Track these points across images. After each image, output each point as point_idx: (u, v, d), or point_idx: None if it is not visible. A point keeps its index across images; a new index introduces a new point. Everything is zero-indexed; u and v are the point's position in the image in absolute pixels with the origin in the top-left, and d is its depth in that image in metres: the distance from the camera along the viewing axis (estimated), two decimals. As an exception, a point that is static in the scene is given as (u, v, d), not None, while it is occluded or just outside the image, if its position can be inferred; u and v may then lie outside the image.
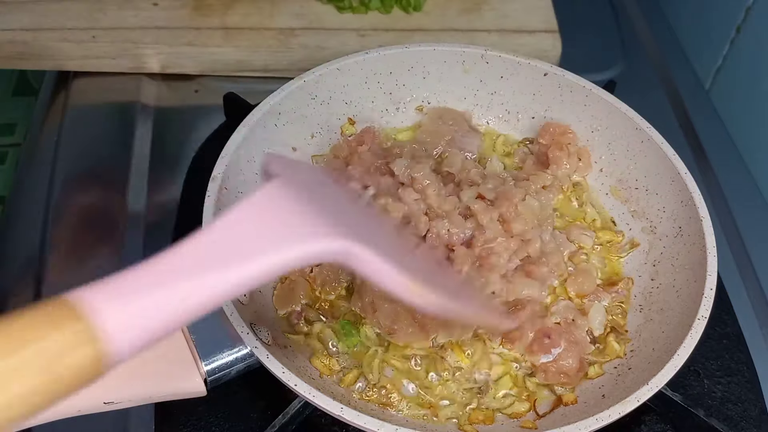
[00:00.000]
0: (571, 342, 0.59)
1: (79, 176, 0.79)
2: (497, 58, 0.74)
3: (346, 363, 0.59)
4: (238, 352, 0.52)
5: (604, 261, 0.67)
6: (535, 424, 0.56)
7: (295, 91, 0.69)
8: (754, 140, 0.85)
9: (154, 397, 0.50)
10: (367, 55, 0.73)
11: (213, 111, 0.80)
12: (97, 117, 0.85)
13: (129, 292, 0.33)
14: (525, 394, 0.58)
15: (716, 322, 0.65)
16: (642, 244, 0.67)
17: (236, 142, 0.63)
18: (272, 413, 0.56)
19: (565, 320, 0.61)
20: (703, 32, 0.96)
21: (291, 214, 0.39)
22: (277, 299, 0.62)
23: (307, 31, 0.89)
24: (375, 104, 0.76)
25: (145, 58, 0.87)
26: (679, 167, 0.65)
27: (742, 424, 0.60)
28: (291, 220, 0.38)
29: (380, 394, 0.57)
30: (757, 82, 0.84)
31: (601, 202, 0.72)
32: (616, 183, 0.71)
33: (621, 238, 0.68)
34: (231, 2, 0.92)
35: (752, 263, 0.75)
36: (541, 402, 0.58)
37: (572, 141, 0.72)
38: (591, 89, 0.71)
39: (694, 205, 0.62)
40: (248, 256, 0.36)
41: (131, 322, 0.32)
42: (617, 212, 0.70)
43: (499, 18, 0.92)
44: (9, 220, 0.76)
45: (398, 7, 0.92)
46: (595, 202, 0.72)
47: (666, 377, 0.51)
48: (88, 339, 0.30)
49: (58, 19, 0.88)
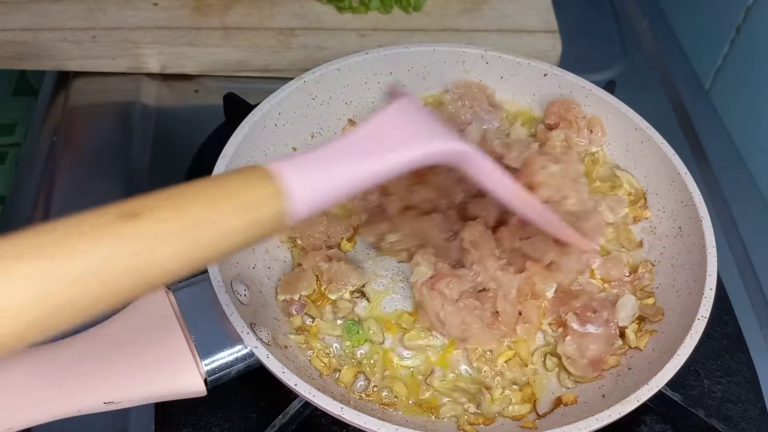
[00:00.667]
0: (607, 328, 0.59)
1: (78, 176, 0.79)
2: (497, 59, 0.74)
3: (345, 362, 0.59)
4: (238, 352, 0.52)
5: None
6: (535, 424, 0.56)
7: (295, 91, 0.69)
8: (754, 140, 0.85)
9: (154, 397, 0.50)
10: (367, 55, 0.73)
11: (213, 111, 0.80)
12: (97, 117, 0.85)
13: (308, 166, 0.41)
14: (528, 391, 0.58)
15: (716, 322, 0.65)
16: (642, 244, 0.67)
17: (236, 142, 0.63)
18: (272, 413, 0.56)
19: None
20: (703, 32, 0.96)
21: (419, 122, 0.47)
22: (282, 285, 0.62)
23: (307, 31, 0.89)
24: (375, 104, 0.76)
25: (145, 58, 0.87)
26: (679, 167, 0.65)
27: (742, 424, 0.60)
28: (420, 125, 0.46)
29: (380, 395, 0.57)
30: (757, 82, 0.84)
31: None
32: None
33: (648, 213, 0.68)
34: (231, 2, 0.92)
35: (752, 263, 0.75)
36: (541, 402, 0.58)
37: (579, 114, 0.72)
38: (591, 89, 0.71)
39: (694, 205, 0.62)
40: (392, 147, 0.44)
41: (310, 186, 0.40)
42: (617, 212, 0.70)
43: (498, 18, 0.92)
44: (9, 220, 0.76)
45: (398, 7, 0.92)
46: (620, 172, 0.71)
47: (666, 377, 0.51)
48: (278, 194, 0.38)
49: (58, 19, 0.88)
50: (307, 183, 0.40)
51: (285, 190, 0.39)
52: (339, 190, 0.42)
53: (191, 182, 0.37)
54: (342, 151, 0.43)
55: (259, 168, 0.39)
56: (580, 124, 0.71)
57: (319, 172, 0.41)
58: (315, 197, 0.41)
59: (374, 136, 0.45)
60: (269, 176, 0.39)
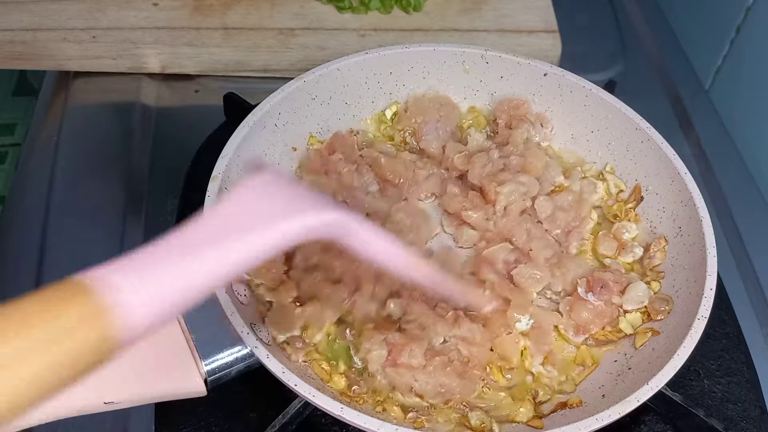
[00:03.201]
0: (607, 304, 0.61)
1: (78, 176, 0.79)
2: (497, 58, 0.74)
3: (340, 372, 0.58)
4: (238, 352, 0.52)
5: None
6: (541, 423, 0.56)
7: (295, 91, 0.69)
8: (754, 140, 0.85)
9: (154, 397, 0.50)
10: (367, 55, 0.73)
11: (213, 111, 0.80)
12: (97, 117, 0.85)
13: (137, 269, 0.33)
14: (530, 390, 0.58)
15: (716, 322, 0.65)
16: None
17: (236, 142, 0.63)
18: (272, 413, 0.56)
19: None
20: (703, 32, 0.96)
21: (287, 195, 0.41)
22: (272, 325, 0.58)
23: (307, 31, 0.89)
24: (375, 104, 0.76)
25: (145, 58, 0.87)
26: (679, 167, 0.65)
27: (742, 424, 0.60)
28: (286, 199, 0.41)
29: (376, 401, 0.57)
30: (757, 82, 0.84)
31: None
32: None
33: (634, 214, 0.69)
34: (231, 2, 0.92)
35: (752, 263, 0.75)
36: (543, 403, 0.58)
37: (528, 111, 0.73)
38: (591, 89, 0.71)
39: (694, 205, 0.62)
40: (251, 229, 0.38)
41: (139, 297, 0.33)
42: (617, 212, 0.70)
43: (498, 18, 0.92)
44: (9, 220, 0.76)
45: (398, 7, 0.92)
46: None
47: (666, 377, 0.51)
48: (98, 313, 0.31)
49: (58, 19, 0.88)
50: (136, 290, 0.33)
51: (106, 302, 0.31)
52: (186, 293, 0.35)
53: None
54: (184, 245, 0.36)
55: (71, 281, 0.32)
56: (531, 119, 0.72)
57: (160, 273, 0.34)
58: (152, 308, 0.33)
59: (230, 216, 0.39)
60: (85, 289, 0.32)
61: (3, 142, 1.35)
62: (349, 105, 0.74)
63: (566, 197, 0.68)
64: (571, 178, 0.70)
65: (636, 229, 0.67)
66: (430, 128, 0.73)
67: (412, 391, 0.56)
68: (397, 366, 0.56)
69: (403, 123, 0.75)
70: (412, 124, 0.74)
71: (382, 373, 0.56)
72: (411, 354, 0.56)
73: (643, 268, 0.64)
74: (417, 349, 0.56)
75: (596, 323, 0.60)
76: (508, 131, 0.72)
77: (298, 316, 0.57)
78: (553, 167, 0.69)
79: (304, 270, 0.60)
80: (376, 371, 0.56)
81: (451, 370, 0.56)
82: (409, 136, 0.75)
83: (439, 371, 0.56)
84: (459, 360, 0.57)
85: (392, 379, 0.56)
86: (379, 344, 0.57)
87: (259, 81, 0.88)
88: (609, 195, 0.70)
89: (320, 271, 0.60)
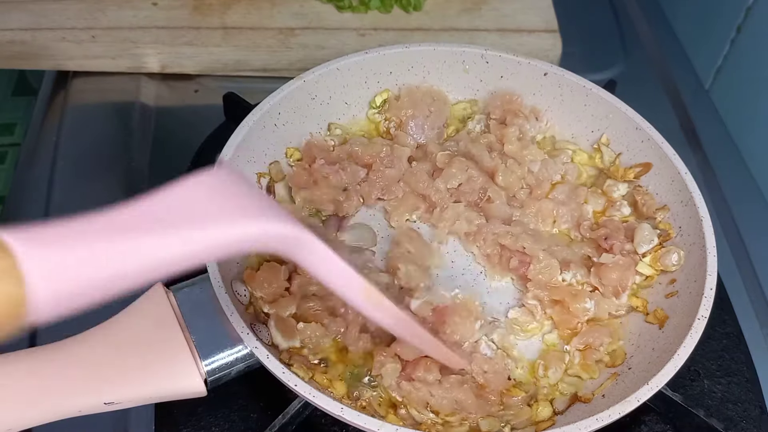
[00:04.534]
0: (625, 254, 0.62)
1: (78, 176, 0.79)
2: (497, 58, 0.74)
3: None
4: (238, 352, 0.52)
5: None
6: (554, 419, 0.55)
7: (295, 91, 0.69)
8: (754, 140, 0.85)
9: (154, 397, 0.50)
10: (367, 55, 0.73)
11: (213, 111, 0.80)
12: (96, 117, 0.85)
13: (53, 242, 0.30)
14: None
15: (716, 322, 0.65)
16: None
17: (236, 142, 0.63)
18: (272, 413, 0.56)
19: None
20: (703, 32, 0.96)
21: (241, 197, 0.37)
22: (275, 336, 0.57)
23: (307, 31, 0.89)
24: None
25: (145, 57, 0.87)
26: (679, 167, 0.65)
27: (742, 424, 0.60)
28: (241, 201, 0.37)
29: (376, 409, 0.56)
30: (757, 82, 0.84)
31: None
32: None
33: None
34: (230, 2, 0.92)
35: (752, 263, 0.75)
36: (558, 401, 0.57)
37: (521, 105, 0.73)
38: (591, 89, 0.71)
39: (694, 205, 0.62)
40: (191, 225, 0.34)
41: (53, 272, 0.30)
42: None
43: (499, 17, 0.92)
44: (9, 220, 0.75)
45: (398, 6, 0.92)
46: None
47: (666, 377, 0.51)
48: (12, 274, 0.28)
49: (58, 19, 0.88)
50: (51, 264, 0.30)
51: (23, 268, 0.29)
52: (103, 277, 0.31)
53: None
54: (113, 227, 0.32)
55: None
56: (525, 112, 0.72)
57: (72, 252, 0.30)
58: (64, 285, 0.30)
59: (170, 207, 0.34)
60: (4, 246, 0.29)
61: (3, 142, 1.35)
62: (349, 105, 0.74)
63: (563, 189, 0.69)
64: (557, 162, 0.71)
65: (627, 188, 0.68)
66: (418, 123, 0.73)
67: (427, 407, 0.55)
68: (412, 381, 0.54)
69: (392, 112, 0.74)
70: (401, 115, 0.73)
71: (396, 388, 0.55)
72: (427, 369, 0.55)
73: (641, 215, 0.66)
74: (433, 364, 0.55)
75: (626, 277, 0.61)
76: (501, 127, 0.72)
77: (299, 331, 0.57)
78: (552, 165, 0.69)
79: (302, 298, 0.59)
80: (389, 386, 0.55)
81: (467, 387, 0.55)
82: (394, 128, 0.74)
83: (456, 387, 0.55)
84: (474, 381, 0.56)
85: (407, 394, 0.54)
86: (391, 358, 0.55)
87: (258, 81, 0.88)
88: (603, 164, 0.71)
89: (317, 301, 0.59)
